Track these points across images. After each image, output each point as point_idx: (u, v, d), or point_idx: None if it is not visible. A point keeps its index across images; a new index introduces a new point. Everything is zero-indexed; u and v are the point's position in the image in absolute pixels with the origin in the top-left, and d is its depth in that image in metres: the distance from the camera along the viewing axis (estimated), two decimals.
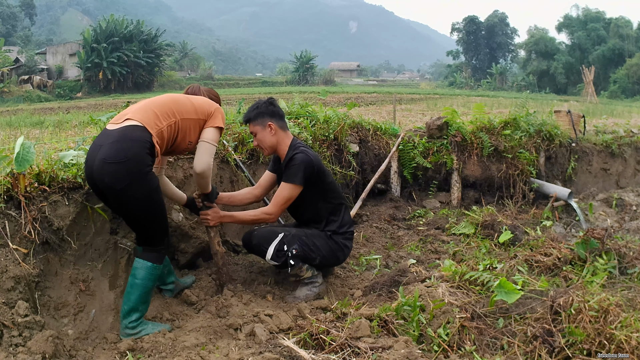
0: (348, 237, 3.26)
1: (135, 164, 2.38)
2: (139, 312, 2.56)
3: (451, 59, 62.53)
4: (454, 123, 5.48)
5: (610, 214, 4.98)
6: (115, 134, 2.43)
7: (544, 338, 2.06)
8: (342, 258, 3.28)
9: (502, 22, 58.98)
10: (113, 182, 2.36)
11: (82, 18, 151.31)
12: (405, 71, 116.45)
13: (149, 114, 2.52)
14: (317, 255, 3.08)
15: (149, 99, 2.70)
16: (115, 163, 2.35)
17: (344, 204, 3.30)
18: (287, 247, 3.00)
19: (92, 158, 2.43)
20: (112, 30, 41.00)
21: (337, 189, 3.29)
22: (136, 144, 2.39)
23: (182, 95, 2.79)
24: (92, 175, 2.42)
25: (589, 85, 27.26)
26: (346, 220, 3.27)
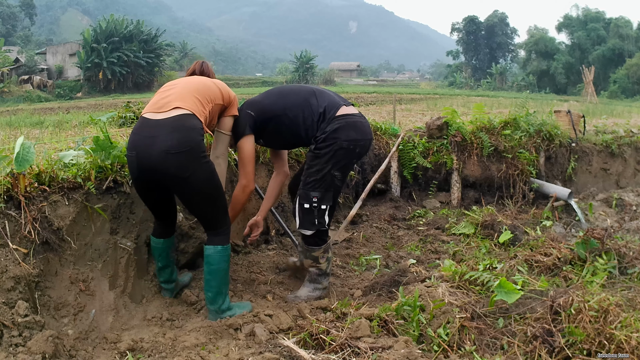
0: (336, 122, 2.82)
1: (198, 151, 2.46)
2: (223, 294, 2.69)
3: (451, 59, 62.53)
4: (454, 123, 5.48)
5: (610, 214, 4.98)
6: (169, 124, 2.43)
7: (544, 338, 2.06)
8: (353, 135, 2.82)
9: (502, 22, 58.99)
10: (180, 172, 2.43)
11: (82, 18, 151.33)
12: (405, 71, 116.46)
13: (194, 101, 2.55)
14: (329, 170, 2.78)
15: (181, 83, 2.68)
16: (180, 153, 2.40)
17: (305, 107, 2.89)
18: (306, 203, 2.82)
19: (146, 150, 2.42)
20: (112, 30, 40.99)
21: (293, 102, 2.93)
22: (194, 132, 2.45)
23: (206, 79, 2.79)
24: (151, 167, 2.44)
25: (588, 85, 27.24)
26: (320, 112, 2.85)
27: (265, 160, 4.09)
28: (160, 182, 2.52)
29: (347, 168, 2.89)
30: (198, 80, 2.74)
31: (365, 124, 2.93)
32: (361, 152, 2.90)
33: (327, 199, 2.84)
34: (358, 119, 2.89)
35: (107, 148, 2.86)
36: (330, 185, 2.82)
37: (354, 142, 2.81)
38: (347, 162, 2.84)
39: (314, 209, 2.82)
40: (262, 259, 3.66)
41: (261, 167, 4.09)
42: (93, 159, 2.84)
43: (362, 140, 2.85)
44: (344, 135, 2.78)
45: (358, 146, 2.84)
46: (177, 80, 2.78)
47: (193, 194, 2.57)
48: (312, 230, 2.88)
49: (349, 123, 2.82)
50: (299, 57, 53.53)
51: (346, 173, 2.90)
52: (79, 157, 2.83)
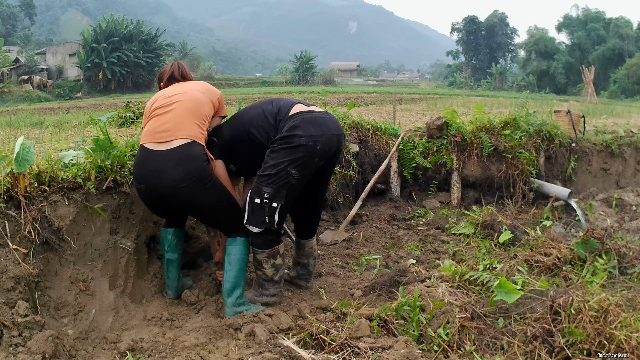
0: (292, 120, 2.72)
1: (204, 178, 2.56)
2: (240, 287, 2.75)
3: (451, 59, 62.52)
4: (454, 123, 5.48)
5: (610, 214, 4.98)
6: (174, 157, 2.51)
7: (543, 338, 2.06)
8: (312, 131, 2.69)
9: (502, 22, 58.96)
10: (191, 201, 2.58)
11: (82, 18, 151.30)
12: (405, 71, 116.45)
13: (191, 127, 2.59)
14: (285, 167, 2.64)
15: (176, 104, 2.64)
16: (188, 185, 2.50)
17: (262, 116, 2.82)
18: (257, 197, 2.68)
19: (155, 185, 2.54)
20: (112, 30, 40.98)
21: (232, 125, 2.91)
22: (198, 160, 2.54)
23: (195, 90, 2.77)
24: (162, 199, 2.59)
25: (588, 85, 27.24)
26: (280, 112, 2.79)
27: None
28: (174, 208, 2.69)
29: (307, 167, 2.70)
30: (190, 97, 2.70)
31: (328, 120, 2.79)
32: (324, 148, 2.71)
33: (279, 197, 2.67)
34: (318, 114, 2.77)
35: (107, 148, 2.86)
36: (285, 183, 2.66)
37: (313, 139, 2.65)
38: (306, 160, 2.67)
39: (265, 205, 2.67)
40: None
41: None
42: (93, 159, 2.84)
43: (323, 136, 2.69)
44: (302, 131, 2.65)
45: (319, 142, 2.67)
46: (170, 96, 2.70)
47: (208, 214, 2.74)
48: (260, 228, 2.72)
49: (306, 119, 2.71)
50: (299, 57, 53.53)
51: (305, 172, 2.72)
52: (79, 157, 2.83)
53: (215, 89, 2.91)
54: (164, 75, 2.98)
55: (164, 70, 3.03)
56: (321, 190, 3.12)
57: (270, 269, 2.86)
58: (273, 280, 2.90)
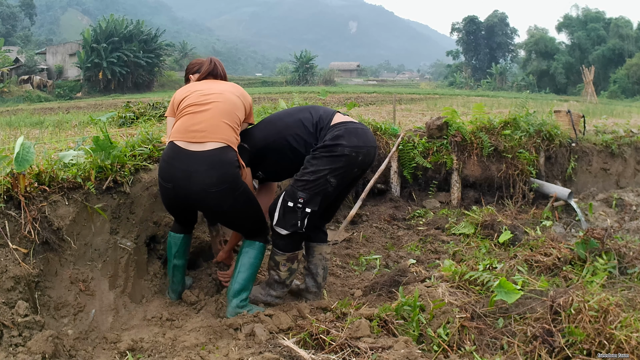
0: (336, 129, 2.73)
1: (236, 184, 2.52)
2: (247, 290, 2.75)
3: (451, 59, 62.54)
4: (454, 123, 5.48)
5: (610, 214, 4.98)
6: (206, 159, 2.45)
7: (543, 338, 2.06)
8: (355, 142, 2.70)
9: (502, 22, 58.98)
10: (219, 206, 2.55)
11: (82, 18, 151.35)
12: (405, 71, 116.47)
13: (226, 130, 2.53)
14: (324, 175, 2.64)
15: (210, 104, 2.56)
16: (219, 191, 2.46)
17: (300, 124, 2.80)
18: (291, 201, 2.67)
19: (184, 185, 2.48)
20: (112, 30, 41.01)
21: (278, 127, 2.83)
22: (232, 166, 2.50)
23: (231, 93, 2.69)
24: (189, 201, 2.56)
25: (588, 85, 27.25)
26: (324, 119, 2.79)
27: None
28: (198, 210, 2.69)
29: (345, 176, 2.72)
30: (227, 99, 2.63)
31: (368, 132, 2.81)
32: (364, 160, 2.74)
33: (313, 203, 2.66)
34: (359, 125, 2.79)
35: (107, 148, 2.86)
36: (321, 190, 2.66)
37: (356, 149, 2.67)
38: (346, 170, 2.69)
39: (298, 210, 2.67)
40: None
41: None
42: (93, 159, 2.84)
43: (364, 147, 2.71)
44: (345, 141, 2.66)
45: (361, 154, 2.70)
46: (205, 94, 2.63)
47: (233, 219, 2.73)
48: (288, 231, 2.72)
49: (349, 129, 2.72)
50: (299, 57, 53.54)
51: (343, 182, 2.73)
52: (78, 157, 2.82)
53: (247, 94, 2.82)
54: (198, 68, 2.88)
55: (197, 62, 2.94)
56: (342, 195, 3.05)
57: (285, 272, 2.87)
58: (284, 283, 2.91)
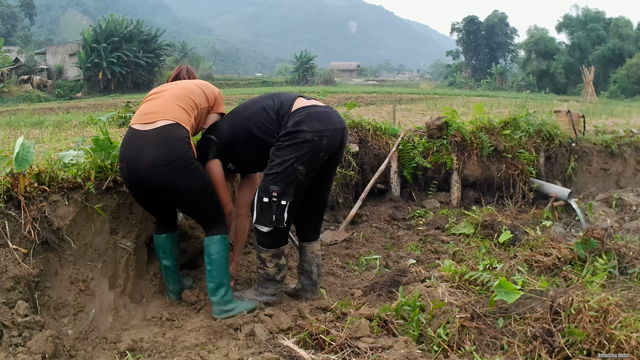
0: (297, 114, 2.70)
1: (185, 160, 2.51)
2: (225, 285, 2.71)
3: (451, 59, 62.52)
4: (454, 123, 5.48)
5: (610, 214, 4.98)
6: (155, 136, 2.50)
7: (543, 338, 2.06)
8: (317, 126, 2.66)
9: (502, 22, 58.97)
10: (169, 182, 2.52)
11: (81, 18, 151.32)
12: (405, 71, 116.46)
13: (177, 110, 2.59)
14: (291, 164, 2.63)
15: (166, 91, 2.71)
16: (167, 164, 2.47)
17: (263, 112, 2.79)
18: (266, 196, 2.67)
19: (134, 162, 2.51)
20: (111, 30, 40.98)
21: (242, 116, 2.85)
22: (180, 142, 2.51)
23: (190, 82, 2.85)
24: (141, 178, 2.53)
25: (588, 85, 27.23)
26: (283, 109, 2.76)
27: None
28: (152, 190, 2.60)
29: (313, 162, 2.67)
30: (182, 86, 2.76)
31: (332, 114, 2.77)
32: (329, 143, 2.68)
33: (287, 194, 2.66)
34: (322, 109, 2.76)
35: (107, 148, 2.86)
36: (292, 180, 2.64)
37: (319, 133, 2.63)
38: (312, 155, 2.64)
39: (273, 204, 2.66)
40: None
41: None
42: (93, 159, 2.84)
43: (328, 130, 2.67)
44: (307, 126, 2.63)
45: (324, 137, 2.65)
46: (163, 86, 2.80)
47: (185, 201, 2.66)
48: (269, 227, 2.71)
49: (311, 114, 2.69)
50: (299, 57, 53.51)
51: (312, 168, 2.69)
52: (78, 157, 2.82)
53: (213, 86, 2.92)
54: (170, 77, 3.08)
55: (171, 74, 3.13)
56: (324, 187, 3.02)
57: (272, 269, 2.86)
58: (275, 279, 2.89)
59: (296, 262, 3.65)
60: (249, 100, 3.02)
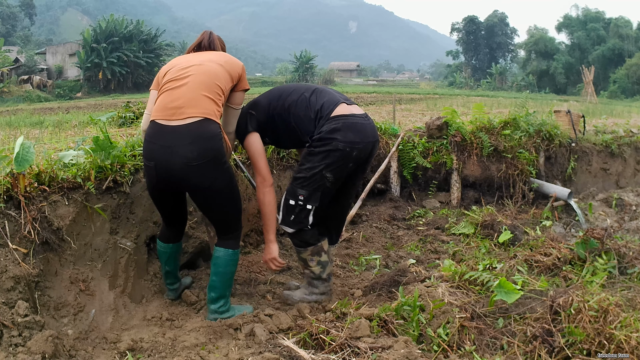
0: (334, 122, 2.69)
1: (218, 160, 2.41)
2: (225, 297, 2.69)
3: (451, 59, 62.59)
4: (454, 123, 5.48)
5: (610, 214, 4.98)
6: (187, 133, 2.34)
7: (543, 338, 2.06)
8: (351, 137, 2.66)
9: (501, 22, 59.02)
10: (201, 182, 2.41)
11: (81, 18, 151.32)
12: (405, 71, 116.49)
13: (205, 103, 2.41)
14: (320, 170, 2.67)
15: (188, 77, 2.47)
16: (200, 164, 2.35)
17: (303, 105, 2.78)
18: (292, 199, 2.73)
19: (165, 161, 2.37)
20: (111, 30, 41.00)
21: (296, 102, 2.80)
22: (214, 140, 2.39)
23: (213, 62, 2.58)
24: (172, 177, 2.41)
25: (588, 85, 27.24)
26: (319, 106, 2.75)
27: None
28: (181, 190, 2.55)
29: (341, 171, 2.72)
30: (207, 70, 2.52)
31: (368, 126, 2.77)
32: (359, 155, 2.73)
33: (314, 199, 2.72)
34: (359, 120, 2.73)
35: (106, 148, 2.86)
36: (320, 185, 2.70)
37: (351, 145, 2.65)
38: (341, 164, 2.69)
39: (299, 207, 2.72)
40: (261, 258, 3.66)
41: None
42: (93, 159, 2.84)
43: (361, 143, 2.69)
44: (341, 136, 2.64)
45: (355, 149, 2.67)
46: (183, 67, 2.54)
47: (212, 201, 2.54)
48: (294, 229, 2.79)
49: (348, 124, 2.67)
50: (299, 57, 53.54)
51: (339, 176, 2.74)
52: (78, 157, 2.82)
53: (236, 61, 2.68)
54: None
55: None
56: (348, 193, 3.06)
57: (316, 267, 2.89)
58: (321, 278, 2.93)
59: (297, 262, 3.66)
60: (293, 85, 2.95)
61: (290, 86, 2.96)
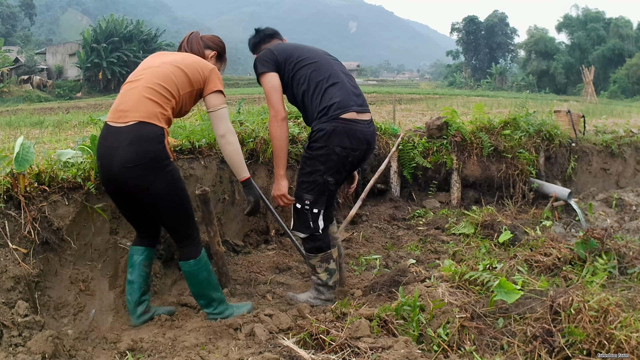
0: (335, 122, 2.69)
1: (157, 162, 2.36)
2: (216, 300, 2.65)
3: (451, 59, 62.58)
4: (454, 123, 5.48)
5: (610, 214, 4.98)
6: (127, 134, 2.34)
7: (543, 338, 2.06)
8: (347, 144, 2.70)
9: (501, 22, 59.00)
10: (138, 184, 2.36)
11: (81, 18, 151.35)
12: (405, 71, 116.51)
13: (148, 106, 2.39)
14: (321, 174, 2.74)
15: (140, 80, 2.47)
16: (137, 166, 2.32)
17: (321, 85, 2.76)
18: (299, 203, 2.79)
19: (108, 161, 2.37)
20: (111, 30, 40.99)
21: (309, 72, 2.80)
22: (152, 141, 2.34)
23: (173, 66, 2.53)
24: (113, 178, 2.39)
25: (588, 85, 27.25)
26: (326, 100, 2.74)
27: (264, 160, 4.09)
28: (124, 192, 2.46)
29: (340, 173, 2.81)
30: (157, 73, 2.49)
31: (367, 133, 2.79)
32: (354, 161, 2.80)
33: (320, 203, 2.79)
34: (360, 127, 2.74)
35: None
36: (324, 190, 2.78)
37: (346, 151, 2.71)
38: (340, 168, 2.77)
39: (307, 212, 2.78)
40: (261, 258, 3.66)
41: (261, 167, 4.08)
42: (92, 158, 2.84)
43: (356, 150, 2.75)
44: (337, 141, 2.68)
45: (351, 155, 2.74)
46: (140, 69, 2.56)
47: (154, 205, 2.47)
48: (306, 234, 2.84)
49: (347, 129, 2.69)
50: None
51: (339, 178, 2.83)
52: (77, 156, 2.82)
53: (203, 64, 2.60)
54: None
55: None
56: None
57: (324, 274, 2.91)
58: (327, 285, 2.94)
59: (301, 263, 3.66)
60: (325, 62, 2.86)
61: (321, 62, 2.85)
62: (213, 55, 2.82)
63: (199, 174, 3.43)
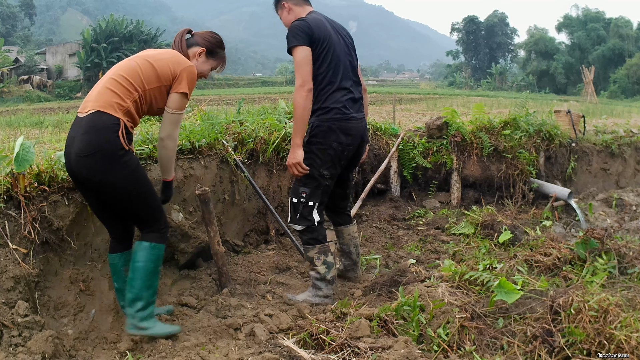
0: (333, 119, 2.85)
1: (109, 151, 2.28)
2: (143, 300, 2.42)
3: (451, 59, 62.59)
4: (454, 123, 5.48)
5: (610, 214, 4.98)
6: (83, 125, 2.30)
7: (543, 338, 2.06)
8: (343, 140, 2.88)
9: (501, 22, 59.01)
10: (91, 174, 2.29)
11: (81, 18, 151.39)
12: (405, 71, 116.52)
13: (108, 97, 2.33)
14: (317, 169, 2.86)
15: (106, 75, 2.45)
16: (89, 155, 2.26)
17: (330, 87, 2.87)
18: (295, 197, 2.93)
19: (67, 151, 2.34)
20: (111, 30, 40.98)
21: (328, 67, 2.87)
22: (105, 131, 2.28)
23: (143, 59, 2.48)
24: (71, 168, 2.36)
25: (588, 85, 27.25)
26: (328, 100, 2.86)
27: (265, 160, 4.09)
28: (83, 184, 2.40)
29: (335, 168, 2.96)
30: (123, 66, 2.46)
31: (360, 129, 2.99)
32: (349, 155, 2.99)
33: (315, 196, 2.91)
34: (354, 124, 2.93)
35: None
36: (319, 183, 2.90)
37: (342, 145, 2.90)
38: (334, 162, 2.93)
39: (302, 204, 2.91)
40: (261, 259, 3.66)
41: (261, 167, 4.08)
42: None
43: (351, 145, 2.95)
44: (334, 137, 2.87)
45: (346, 150, 2.94)
46: (118, 64, 2.54)
47: (111, 197, 2.39)
48: (302, 226, 2.94)
49: (342, 127, 2.88)
50: None
51: (335, 172, 2.97)
52: None
53: (179, 62, 2.50)
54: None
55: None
56: (347, 179, 3.27)
57: (322, 267, 2.96)
58: (326, 279, 2.98)
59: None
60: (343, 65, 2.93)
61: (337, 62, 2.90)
62: (201, 52, 2.68)
63: (199, 174, 3.43)
